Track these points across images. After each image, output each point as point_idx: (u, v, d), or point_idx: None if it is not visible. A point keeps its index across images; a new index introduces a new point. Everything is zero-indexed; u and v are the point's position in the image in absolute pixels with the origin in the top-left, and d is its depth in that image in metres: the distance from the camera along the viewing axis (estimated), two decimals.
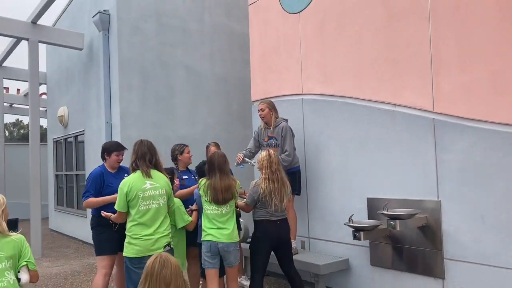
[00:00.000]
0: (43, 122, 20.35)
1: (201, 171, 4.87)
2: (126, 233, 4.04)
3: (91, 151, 9.55)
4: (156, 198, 4.04)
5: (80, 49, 9.67)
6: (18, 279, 3.17)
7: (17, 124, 42.83)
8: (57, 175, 12.29)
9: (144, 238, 3.94)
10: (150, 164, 4.13)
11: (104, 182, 4.80)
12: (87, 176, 5.44)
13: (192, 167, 5.46)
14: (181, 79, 9.23)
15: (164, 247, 3.97)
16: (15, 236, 3.23)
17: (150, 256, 3.72)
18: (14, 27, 8.75)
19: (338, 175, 5.39)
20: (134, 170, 4.13)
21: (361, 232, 4.34)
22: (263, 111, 5.59)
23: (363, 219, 4.83)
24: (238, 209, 4.60)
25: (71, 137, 11.02)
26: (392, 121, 4.76)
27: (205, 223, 4.37)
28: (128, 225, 4.05)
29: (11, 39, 10.49)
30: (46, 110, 13.36)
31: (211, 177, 4.37)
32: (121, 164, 5.05)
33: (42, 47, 12.68)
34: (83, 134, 10.15)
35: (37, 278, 3.32)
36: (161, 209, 4.07)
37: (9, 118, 41.61)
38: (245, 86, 9.09)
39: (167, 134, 8.74)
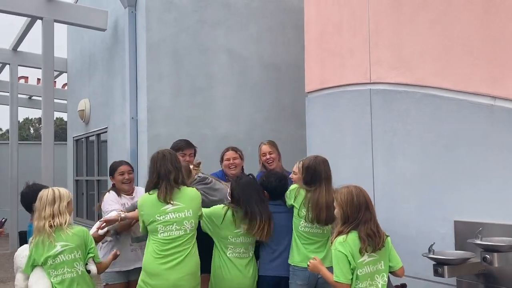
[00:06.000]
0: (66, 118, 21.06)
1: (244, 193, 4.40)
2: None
3: (114, 152, 9.65)
4: (181, 222, 3.77)
5: (103, 30, 9.84)
6: (87, 271, 3.82)
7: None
8: (77, 181, 12.57)
9: (161, 282, 3.68)
10: (176, 184, 3.87)
11: None
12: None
13: None
14: (223, 66, 9.17)
15: None
16: (78, 227, 3.88)
17: None
18: (26, 4, 9.04)
19: (415, 190, 5.14)
20: (149, 190, 3.95)
21: (445, 267, 4.11)
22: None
23: (447, 250, 4.57)
24: None
25: (93, 135, 11.22)
26: (489, 119, 4.48)
27: (303, 244, 4.22)
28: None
29: (26, 18, 10.82)
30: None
31: (313, 189, 4.22)
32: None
33: (63, 30, 13.13)
34: (106, 132, 10.29)
35: (103, 270, 4.04)
36: (188, 238, 3.81)
37: (35, 113, 43.66)
38: (301, 75, 8.80)
39: (203, 133, 8.69)
